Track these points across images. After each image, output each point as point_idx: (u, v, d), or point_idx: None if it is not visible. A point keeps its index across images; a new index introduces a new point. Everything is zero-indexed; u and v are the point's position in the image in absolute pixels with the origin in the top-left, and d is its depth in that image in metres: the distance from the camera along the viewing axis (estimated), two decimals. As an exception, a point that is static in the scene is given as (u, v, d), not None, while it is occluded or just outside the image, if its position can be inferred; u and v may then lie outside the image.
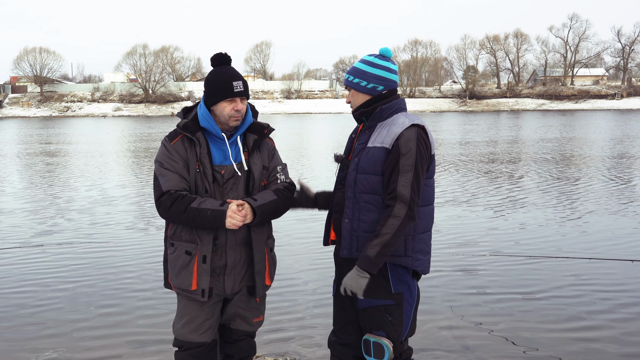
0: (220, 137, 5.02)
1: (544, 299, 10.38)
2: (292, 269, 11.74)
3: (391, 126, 4.79)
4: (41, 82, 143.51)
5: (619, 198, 20.35)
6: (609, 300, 10.27)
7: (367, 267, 4.63)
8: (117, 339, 9.03)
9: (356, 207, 4.76)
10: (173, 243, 5.06)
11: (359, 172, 4.75)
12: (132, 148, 46.32)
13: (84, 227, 16.72)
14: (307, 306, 10.05)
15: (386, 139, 4.74)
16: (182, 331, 5.12)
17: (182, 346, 5.17)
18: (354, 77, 4.95)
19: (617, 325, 9.23)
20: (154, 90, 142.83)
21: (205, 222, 4.78)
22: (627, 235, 14.95)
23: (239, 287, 5.12)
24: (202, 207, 4.76)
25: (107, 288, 11.24)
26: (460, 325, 9.30)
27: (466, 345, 8.61)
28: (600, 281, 11.27)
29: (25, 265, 12.78)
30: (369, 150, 4.76)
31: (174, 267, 5.05)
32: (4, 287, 11.37)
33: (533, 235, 15.12)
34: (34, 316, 9.94)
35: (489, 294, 10.67)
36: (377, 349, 4.77)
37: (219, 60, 5.06)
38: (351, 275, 4.71)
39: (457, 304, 10.17)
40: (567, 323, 9.31)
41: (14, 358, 8.43)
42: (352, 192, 4.78)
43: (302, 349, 8.54)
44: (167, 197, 4.83)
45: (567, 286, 11.00)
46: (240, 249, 5.07)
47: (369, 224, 4.76)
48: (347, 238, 4.80)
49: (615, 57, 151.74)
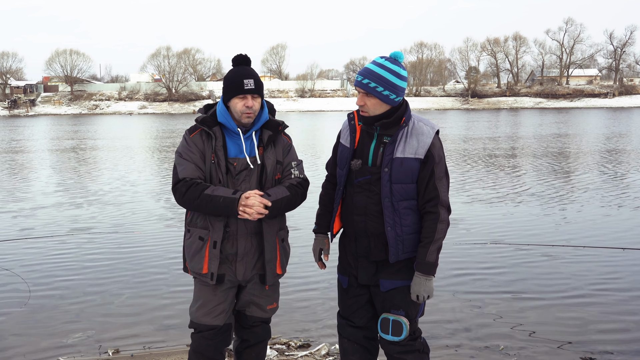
0: (235, 131, 5.03)
1: (540, 285, 10.38)
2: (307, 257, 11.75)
3: (419, 136, 4.73)
4: (71, 81, 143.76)
5: (612, 190, 20.27)
6: (599, 284, 10.32)
7: (431, 271, 4.75)
8: (142, 321, 9.07)
9: (396, 215, 4.74)
10: (189, 229, 5.11)
11: (393, 182, 4.70)
12: (156, 143, 46.41)
13: (110, 217, 16.78)
14: (319, 292, 10.13)
15: (419, 150, 4.70)
16: (196, 314, 5.13)
17: (196, 328, 5.18)
18: (383, 88, 4.70)
19: (603, 305, 9.31)
20: (177, 90, 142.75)
21: (217, 208, 4.80)
22: (618, 224, 14.94)
23: (250, 275, 5.11)
24: (215, 194, 4.78)
25: (132, 274, 11.27)
26: (462, 308, 9.31)
27: (467, 327, 8.64)
28: (592, 267, 11.29)
29: (55, 253, 12.83)
30: (401, 161, 4.69)
31: (189, 252, 5.09)
32: (36, 273, 11.41)
33: (531, 225, 15.10)
34: (64, 301, 9.97)
35: (489, 280, 10.67)
36: (396, 326, 4.79)
37: (239, 60, 5.09)
38: (420, 283, 4.73)
39: (458, 289, 10.18)
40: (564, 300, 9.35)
41: (46, 340, 8.47)
42: (390, 201, 4.73)
43: (313, 331, 8.58)
44: (182, 184, 4.87)
45: (562, 272, 11.01)
46: (251, 238, 5.07)
47: (411, 227, 4.77)
48: (393, 244, 4.76)
49: (608, 58, 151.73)
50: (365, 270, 4.93)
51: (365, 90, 4.75)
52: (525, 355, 7.71)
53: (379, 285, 4.89)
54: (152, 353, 7.93)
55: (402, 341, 4.84)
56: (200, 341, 5.15)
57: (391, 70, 4.72)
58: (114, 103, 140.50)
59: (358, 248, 4.95)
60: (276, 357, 7.57)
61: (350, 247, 5.05)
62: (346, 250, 5.11)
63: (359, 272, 4.98)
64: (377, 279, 4.90)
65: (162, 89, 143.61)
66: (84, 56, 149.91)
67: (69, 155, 36.50)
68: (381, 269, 4.88)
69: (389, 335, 4.83)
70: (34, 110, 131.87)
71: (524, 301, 9.69)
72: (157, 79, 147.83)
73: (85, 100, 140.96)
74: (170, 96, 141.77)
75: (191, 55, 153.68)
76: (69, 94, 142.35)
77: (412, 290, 4.76)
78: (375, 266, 4.91)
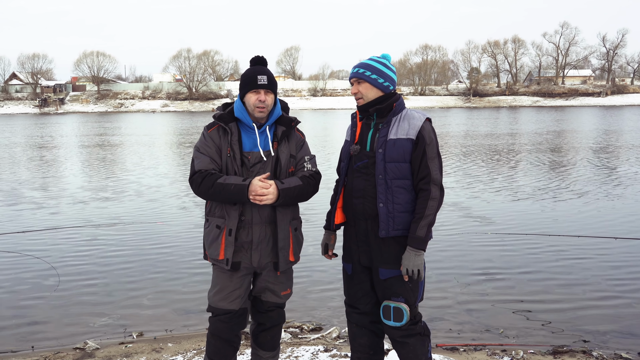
0: (251, 126, 5.06)
1: (537, 272, 10.36)
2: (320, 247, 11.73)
3: (410, 120, 4.86)
4: (98, 81, 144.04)
5: (605, 183, 20.17)
6: (593, 270, 10.30)
7: (421, 246, 4.72)
8: (164, 307, 9.10)
9: (389, 192, 4.78)
10: (208, 219, 5.14)
11: (387, 161, 4.77)
12: (178, 139, 46.52)
13: (135, 209, 16.84)
14: (330, 279, 10.14)
15: (410, 131, 4.80)
16: (214, 299, 5.15)
17: (213, 312, 5.20)
18: (370, 72, 4.92)
19: (597, 289, 9.31)
20: (197, 89, 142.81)
21: (229, 195, 4.85)
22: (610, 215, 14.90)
23: (265, 262, 5.11)
24: (227, 182, 4.83)
25: (155, 262, 11.31)
26: (463, 293, 9.32)
27: (468, 311, 8.66)
28: (587, 254, 11.29)
29: (83, 243, 12.88)
30: (394, 142, 4.79)
31: (207, 240, 5.12)
32: (66, 261, 11.46)
33: (529, 215, 15.06)
34: (91, 287, 10.03)
35: (489, 267, 10.65)
36: (397, 313, 4.81)
37: (255, 61, 5.15)
38: (409, 257, 4.74)
39: (460, 274, 10.18)
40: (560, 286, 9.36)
41: (74, 324, 8.53)
42: (383, 179, 4.79)
43: (324, 316, 8.60)
44: (198, 175, 4.93)
45: (558, 259, 11.00)
46: (266, 227, 5.07)
47: (402, 205, 4.80)
48: (384, 220, 4.80)
49: (601, 60, 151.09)
50: (365, 254, 4.96)
51: (356, 77, 4.97)
52: (523, 337, 7.75)
53: (377, 273, 4.92)
54: (173, 336, 7.96)
55: (403, 326, 4.88)
56: (217, 324, 5.16)
57: (378, 61, 5.01)
58: (138, 101, 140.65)
59: (358, 231, 4.98)
60: (290, 339, 7.59)
61: (351, 232, 5.08)
62: (347, 235, 5.13)
63: (360, 255, 5.00)
64: (375, 264, 4.92)
65: (183, 89, 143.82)
66: (110, 57, 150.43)
67: (97, 150, 36.57)
68: (377, 255, 4.89)
69: (391, 321, 4.87)
70: (63, 108, 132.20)
71: (522, 286, 9.70)
72: (178, 79, 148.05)
73: (111, 98, 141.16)
74: (191, 95, 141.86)
75: (210, 57, 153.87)
76: (96, 93, 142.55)
77: (402, 263, 4.77)
78: (372, 250, 4.92)
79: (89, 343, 7.60)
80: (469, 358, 6.90)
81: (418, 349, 4.97)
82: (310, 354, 6.89)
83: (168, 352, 7.23)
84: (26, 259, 11.59)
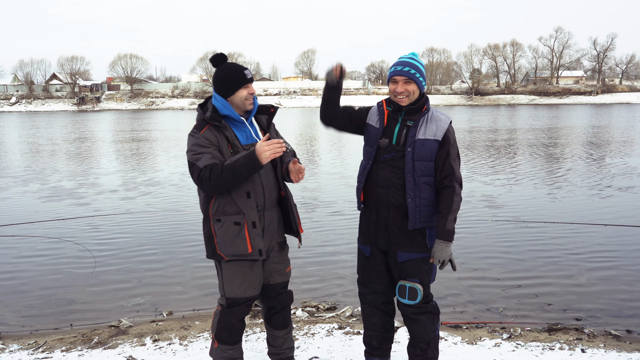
0: (240, 120, 4.88)
1: (534, 257, 10.34)
2: (334, 232, 11.79)
3: (438, 122, 4.84)
4: (131, 81, 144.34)
5: (595, 174, 20.06)
6: (585, 254, 10.28)
7: (450, 238, 4.75)
8: (192, 288, 9.13)
9: (416, 188, 4.77)
10: (219, 219, 4.81)
11: (415, 159, 4.75)
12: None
13: (165, 198, 16.90)
14: (345, 262, 10.14)
15: (438, 133, 4.78)
16: (238, 291, 4.94)
17: (237, 302, 5.00)
18: (419, 74, 4.84)
19: (590, 271, 9.29)
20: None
21: (242, 169, 4.54)
22: (600, 203, 14.82)
23: (272, 244, 5.02)
24: (233, 159, 4.55)
25: (183, 248, 11.34)
26: (467, 277, 9.30)
27: (471, 292, 8.66)
28: (579, 240, 11.25)
29: (118, 229, 12.94)
30: (423, 142, 4.76)
31: (224, 239, 4.80)
32: (102, 246, 11.52)
33: (526, 204, 15.02)
34: (125, 270, 10.07)
35: (491, 252, 10.65)
36: (412, 292, 4.86)
37: (220, 58, 4.91)
38: (440, 249, 4.76)
39: (464, 259, 10.15)
40: (555, 268, 9.35)
41: (109, 304, 8.58)
42: (412, 176, 4.77)
43: (339, 296, 8.59)
44: (204, 171, 4.57)
45: (554, 245, 10.98)
46: (274, 210, 5.02)
47: (427, 199, 4.80)
48: (412, 213, 4.79)
49: (592, 61, 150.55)
50: (384, 239, 4.93)
51: (407, 77, 4.80)
52: (520, 316, 7.76)
53: (395, 256, 4.91)
54: (200, 315, 7.97)
55: (417, 304, 4.92)
56: (236, 309, 5.03)
57: (421, 63, 4.91)
58: (167, 100, 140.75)
59: (379, 217, 4.95)
60: (307, 317, 7.57)
61: (371, 217, 5.02)
62: (368, 220, 5.07)
63: (378, 239, 4.98)
64: (394, 249, 4.90)
65: (209, 88, 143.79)
66: (142, 59, 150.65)
67: (130, 144, 36.64)
68: (396, 240, 4.88)
69: (405, 299, 4.89)
70: (99, 106, 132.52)
71: (520, 270, 9.70)
72: (204, 79, 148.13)
73: (143, 97, 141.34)
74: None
75: (234, 59, 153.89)
76: (129, 92, 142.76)
77: (434, 255, 4.79)
78: (391, 236, 4.90)
79: (123, 321, 7.62)
80: (471, 335, 6.88)
81: (428, 325, 5.02)
82: (325, 331, 6.88)
83: (195, 329, 7.23)
84: (66, 244, 11.64)
